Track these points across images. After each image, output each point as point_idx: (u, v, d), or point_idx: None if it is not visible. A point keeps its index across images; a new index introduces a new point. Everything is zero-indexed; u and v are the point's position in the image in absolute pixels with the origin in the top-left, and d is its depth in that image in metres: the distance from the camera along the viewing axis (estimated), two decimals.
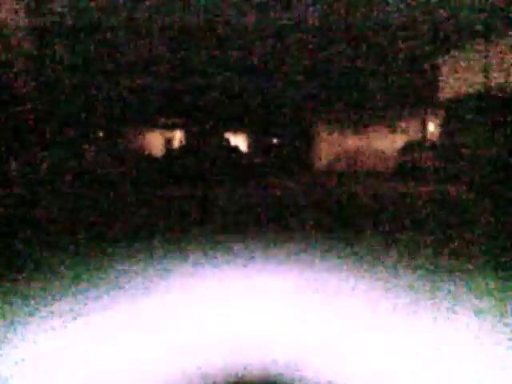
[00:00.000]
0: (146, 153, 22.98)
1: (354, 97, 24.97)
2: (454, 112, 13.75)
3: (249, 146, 26.73)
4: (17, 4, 16.28)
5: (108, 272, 3.19)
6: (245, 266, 3.25)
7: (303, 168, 25.22)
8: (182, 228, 5.30)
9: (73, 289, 2.78)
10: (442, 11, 22.16)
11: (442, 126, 14.54)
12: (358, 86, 24.96)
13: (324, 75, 25.13)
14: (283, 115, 25.37)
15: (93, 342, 1.97)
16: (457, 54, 18.98)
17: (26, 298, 2.68)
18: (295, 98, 25.21)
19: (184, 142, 25.19)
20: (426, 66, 23.41)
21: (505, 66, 15.59)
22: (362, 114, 25.25)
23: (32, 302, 2.59)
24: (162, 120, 25.73)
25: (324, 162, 26.36)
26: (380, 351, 1.77)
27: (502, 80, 15.72)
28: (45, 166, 13.44)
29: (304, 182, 15.85)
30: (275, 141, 27.31)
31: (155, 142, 26.79)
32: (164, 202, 8.97)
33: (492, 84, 16.29)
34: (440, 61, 20.66)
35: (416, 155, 18.03)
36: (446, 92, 20.53)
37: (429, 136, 23.80)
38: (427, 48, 22.99)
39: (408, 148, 18.93)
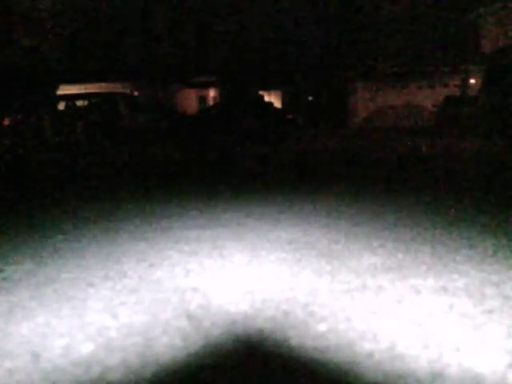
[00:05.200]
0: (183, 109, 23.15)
1: (392, 51, 24.26)
2: (497, 65, 13.26)
3: (284, 103, 26.52)
4: None
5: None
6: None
7: (339, 124, 24.92)
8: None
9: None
10: None
11: (483, 80, 14.06)
12: (395, 39, 24.19)
13: (361, 29, 24.44)
14: (319, 72, 24.94)
15: None
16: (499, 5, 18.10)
17: None
18: (331, 54, 24.69)
19: (218, 99, 25.19)
20: (468, 18, 22.43)
21: None
22: (400, 69, 24.56)
23: None
24: (196, 79, 25.73)
25: (361, 118, 25.95)
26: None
27: None
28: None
29: (340, 138, 15.73)
30: (310, 98, 26.98)
31: (190, 99, 26.85)
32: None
33: None
34: (482, 12, 19.77)
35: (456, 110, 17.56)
36: (489, 45, 19.72)
37: (470, 91, 23.03)
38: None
39: (447, 103, 18.44)
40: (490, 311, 1.63)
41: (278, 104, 24.68)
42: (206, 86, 27.03)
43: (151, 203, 4.03)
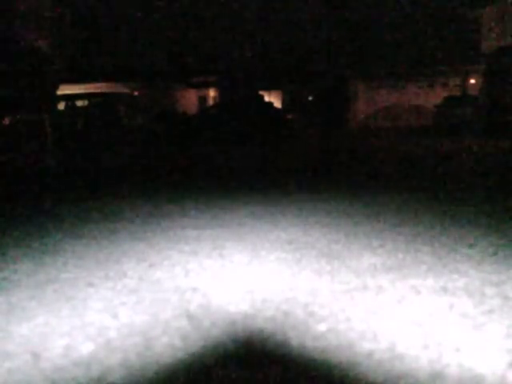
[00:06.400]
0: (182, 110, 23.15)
1: (392, 51, 24.24)
2: (497, 65, 13.26)
3: (284, 103, 26.50)
4: None
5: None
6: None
7: (339, 124, 24.90)
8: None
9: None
10: None
11: (483, 80, 14.05)
12: (395, 39, 24.18)
13: (361, 30, 24.42)
14: (319, 72, 24.93)
15: None
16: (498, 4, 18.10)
17: None
18: (331, 54, 24.68)
19: (218, 100, 25.18)
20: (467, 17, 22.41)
21: None
22: (400, 69, 24.54)
23: None
24: (196, 79, 25.72)
25: (361, 118, 25.94)
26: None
27: None
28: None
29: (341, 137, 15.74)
30: (310, 98, 26.98)
31: (190, 99, 26.84)
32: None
33: None
34: (481, 12, 19.76)
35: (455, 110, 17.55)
36: (489, 45, 19.71)
37: (470, 91, 23.01)
38: None
39: (447, 103, 18.43)
40: (490, 311, 1.63)
41: (278, 104, 24.67)
42: (206, 85, 27.01)
43: (151, 203, 4.03)
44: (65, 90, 19.47)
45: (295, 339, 1.46)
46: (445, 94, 22.40)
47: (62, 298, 1.87)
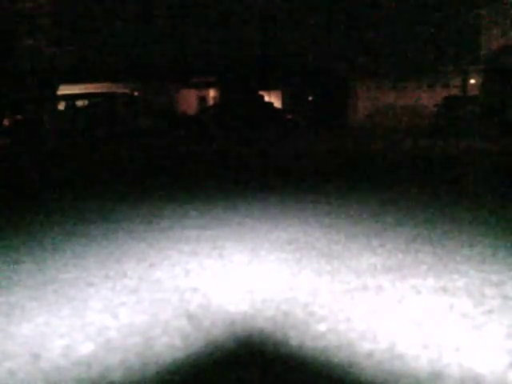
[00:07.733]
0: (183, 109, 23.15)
1: (392, 51, 24.24)
2: (497, 65, 13.26)
3: (284, 103, 26.50)
4: None
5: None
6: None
7: (339, 124, 24.90)
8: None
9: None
10: None
11: (483, 80, 14.05)
12: (396, 40, 24.19)
13: (360, 29, 24.43)
14: (319, 71, 24.93)
15: None
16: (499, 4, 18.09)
17: None
18: (331, 54, 24.68)
19: (218, 100, 25.19)
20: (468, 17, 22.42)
21: None
22: (400, 69, 24.54)
23: None
24: (196, 79, 25.71)
25: (361, 118, 25.95)
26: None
27: None
28: None
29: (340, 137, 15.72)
30: (310, 98, 26.98)
31: (190, 99, 26.85)
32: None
33: None
34: (482, 12, 19.76)
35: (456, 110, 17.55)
36: (488, 45, 19.72)
37: (470, 91, 23.01)
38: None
39: (447, 103, 18.43)
40: (490, 311, 1.63)
41: (277, 104, 24.66)
42: (206, 86, 27.00)
43: (151, 203, 4.03)
44: (65, 90, 19.49)
45: (295, 339, 1.46)
46: (445, 94, 22.37)
47: (62, 298, 1.87)
